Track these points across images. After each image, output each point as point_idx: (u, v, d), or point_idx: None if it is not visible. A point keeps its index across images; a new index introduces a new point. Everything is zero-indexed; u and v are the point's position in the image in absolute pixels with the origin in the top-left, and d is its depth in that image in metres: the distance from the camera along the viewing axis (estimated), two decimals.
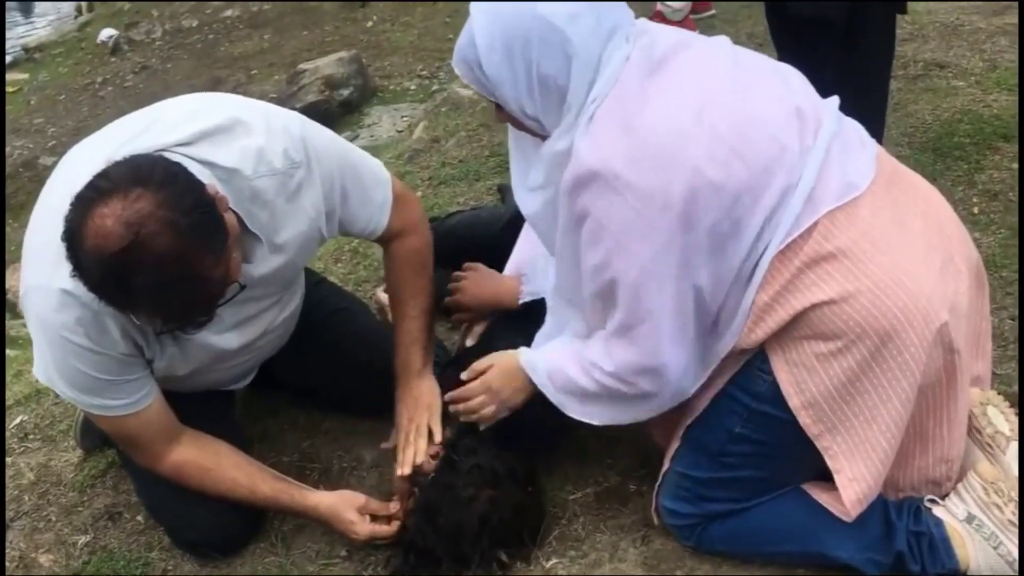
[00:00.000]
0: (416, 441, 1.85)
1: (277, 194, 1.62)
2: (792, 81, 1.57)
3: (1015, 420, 1.62)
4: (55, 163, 1.77)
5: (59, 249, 1.41)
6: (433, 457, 1.83)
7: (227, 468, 1.79)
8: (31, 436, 2.32)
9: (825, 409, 1.47)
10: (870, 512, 1.54)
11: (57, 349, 1.59)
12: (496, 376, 1.75)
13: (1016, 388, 1.91)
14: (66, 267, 1.42)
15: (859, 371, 1.44)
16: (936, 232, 1.52)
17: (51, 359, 1.62)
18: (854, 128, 1.58)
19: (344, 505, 1.80)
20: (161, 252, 1.37)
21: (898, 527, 1.55)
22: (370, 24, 5.57)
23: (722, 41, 1.60)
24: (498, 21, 1.49)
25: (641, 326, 1.49)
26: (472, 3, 1.54)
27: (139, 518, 1.99)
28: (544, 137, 1.56)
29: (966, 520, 1.53)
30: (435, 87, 4.56)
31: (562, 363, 1.64)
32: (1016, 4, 3.62)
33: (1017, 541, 1.50)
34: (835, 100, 1.58)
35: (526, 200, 1.69)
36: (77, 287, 1.46)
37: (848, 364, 1.44)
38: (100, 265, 1.37)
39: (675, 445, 1.66)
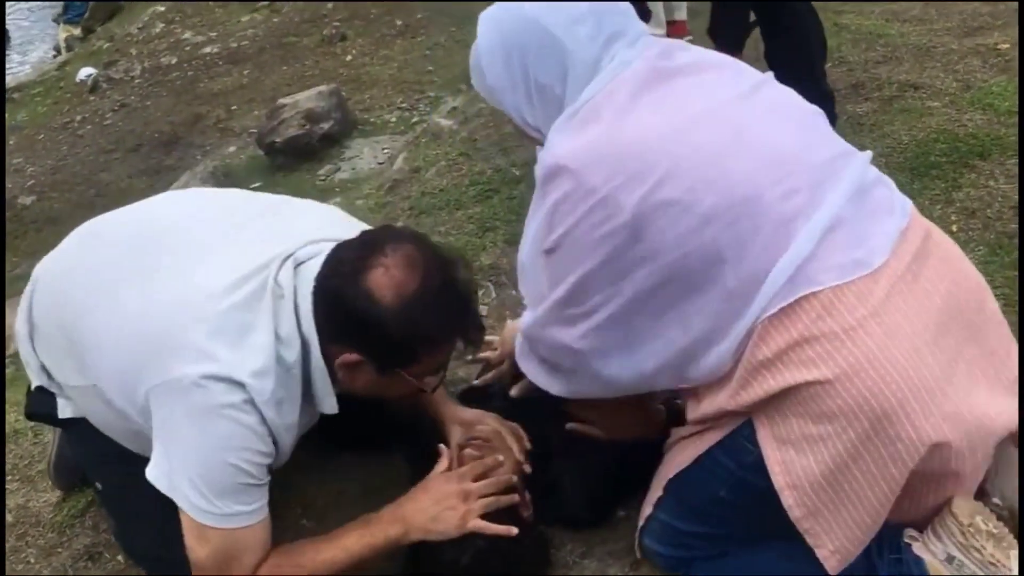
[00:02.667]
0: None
1: None
2: (814, 130, 1.51)
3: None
4: (34, 203, 1.77)
5: (236, 337, 1.50)
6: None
7: (307, 546, 1.67)
8: (9, 477, 2.28)
9: (809, 493, 1.42)
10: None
11: (217, 440, 1.51)
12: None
13: None
14: (255, 358, 1.49)
15: (848, 458, 1.38)
16: (960, 303, 1.46)
17: (196, 456, 1.52)
18: (885, 186, 1.51)
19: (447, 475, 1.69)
20: (444, 260, 1.54)
21: (879, 567, 1.52)
22: (349, 58, 5.59)
23: (749, 72, 1.55)
24: (499, 29, 1.52)
25: (578, 318, 1.48)
26: (482, 14, 1.57)
27: (119, 558, 1.96)
28: None
29: (946, 560, 1.50)
30: (415, 119, 4.57)
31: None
32: (988, 26, 3.68)
33: None
34: (867, 155, 1.52)
35: None
36: (260, 378, 1.50)
37: (837, 450, 1.38)
38: (426, 297, 1.48)
39: (658, 494, 1.62)
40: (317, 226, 1.70)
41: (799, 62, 2.76)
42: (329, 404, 1.62)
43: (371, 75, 5.28)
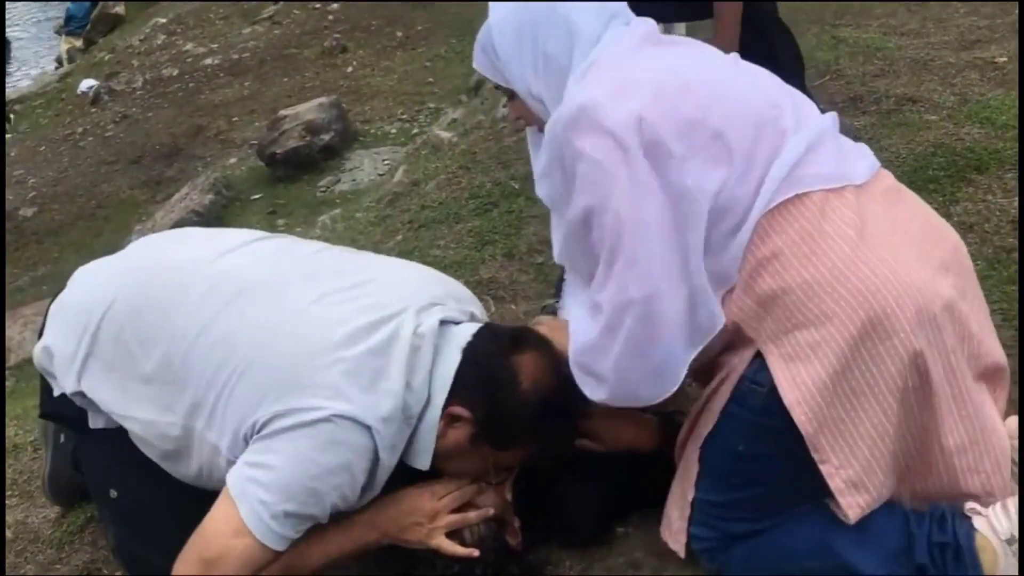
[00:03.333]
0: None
1: None
2: (790, 93, 1.65)
3: None
4: (35, 214, 1.76)
5: (369, 381, 1.54)
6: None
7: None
8: (8, 492, 2.29)
9: (819, 400, 1.45)
10: (889, 524, 1.52)
11: (324, 470, 1.54)
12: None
13: None
14: (384, 403, 1.55)
15: (849, 356, 1.44)
16: (934, 241, 1.56)
17: (300, 472, 1.55)
18: (855, 144, 1.65)
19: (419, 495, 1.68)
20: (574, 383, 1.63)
21: (918, 538, 1.52)
22: (350, 69, 5.62)
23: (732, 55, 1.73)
24: (514, 6, 1.66)
25: (626, 248, 1.47)
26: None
27: (118, 574, 1.96)
28: None
29: (1007, 541, 1.48)
30: (415, 130, 4.59)
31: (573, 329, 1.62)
32: (986, 39, 3.69)
33: None
34: (833, 116, 1.65)
35: (539, 186, 1.78)
36: (386, 424, 1.55)
37: (839, 348, 1.43)
38: (552, 402, 1.60)
39: (694, 470, 1.63)
40: (425, 279, 1.81)
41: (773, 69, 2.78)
42: (424, 460, 1.65)
43: (371, 87, 5.31)
